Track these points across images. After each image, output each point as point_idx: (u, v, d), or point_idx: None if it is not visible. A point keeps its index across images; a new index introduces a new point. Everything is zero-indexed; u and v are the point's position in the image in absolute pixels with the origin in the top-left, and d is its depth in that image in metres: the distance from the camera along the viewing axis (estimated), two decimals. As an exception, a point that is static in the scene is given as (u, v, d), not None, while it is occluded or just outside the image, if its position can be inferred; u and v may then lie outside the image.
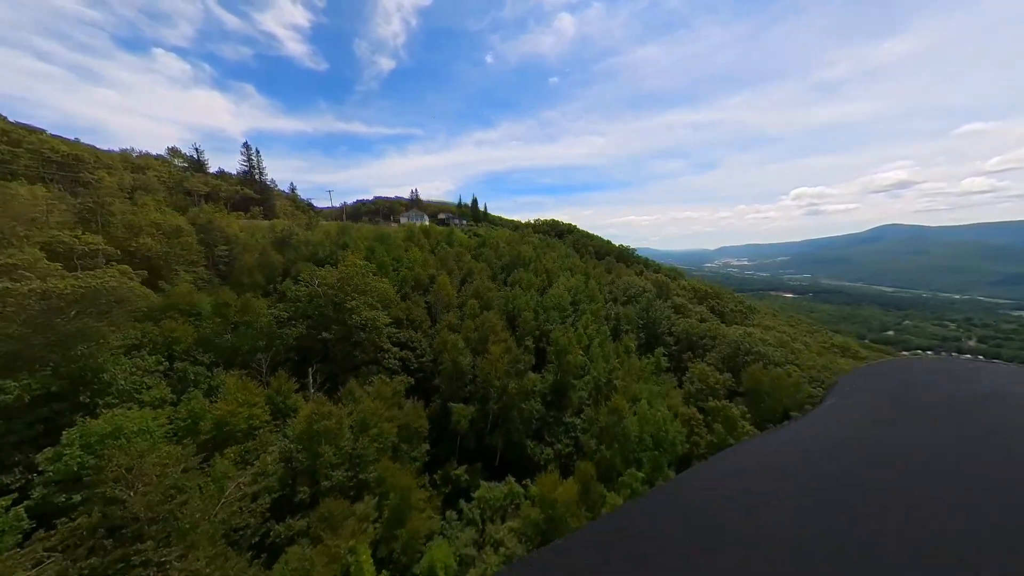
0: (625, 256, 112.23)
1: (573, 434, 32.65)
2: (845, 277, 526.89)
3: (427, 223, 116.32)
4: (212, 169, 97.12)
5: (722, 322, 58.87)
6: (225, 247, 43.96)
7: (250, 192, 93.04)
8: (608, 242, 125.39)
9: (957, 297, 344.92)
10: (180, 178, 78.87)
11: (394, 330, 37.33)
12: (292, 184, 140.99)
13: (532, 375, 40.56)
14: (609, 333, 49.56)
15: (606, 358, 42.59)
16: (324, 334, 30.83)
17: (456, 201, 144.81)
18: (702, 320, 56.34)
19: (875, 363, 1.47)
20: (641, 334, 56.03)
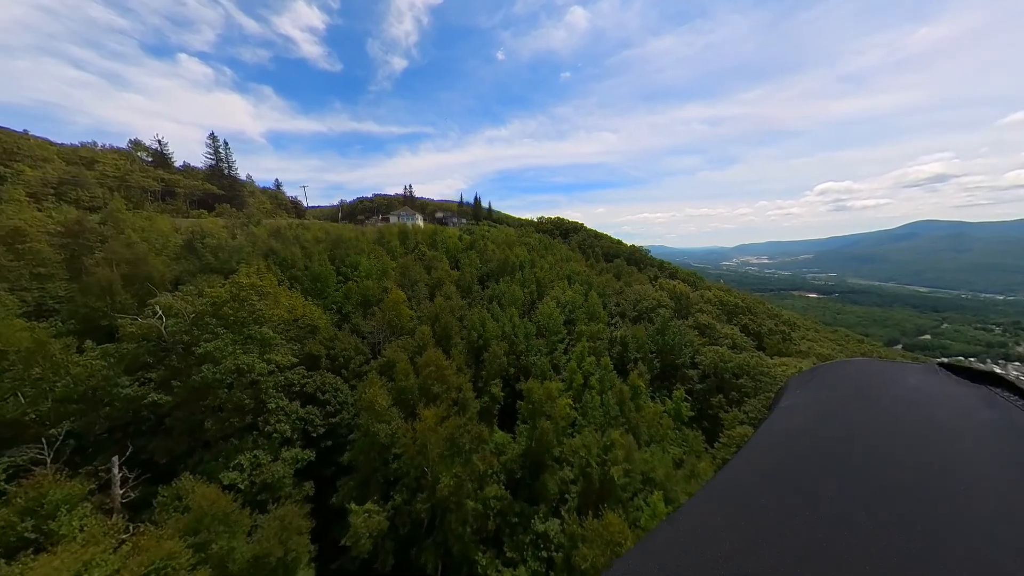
0: (638, 258, 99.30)
1: (545, 552, 21.01)
2: (875, 276, 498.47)
3: (419, 222, 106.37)
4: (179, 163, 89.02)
5: (759, 347, 46.20)
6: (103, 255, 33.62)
7: (213, 187, 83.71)
8: (618, 242, 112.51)
9: (1001, 298, 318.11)
10: (125, 171, 69.82)
11: (299, 375, 26.21)
12: (277, 180, 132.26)
13: (499, 435, 29.09)
14: (612, 366, 37.61)
15: (606, 409, 30.77)
16: (153, 396, 19.86)
17: (465, 200, 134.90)
18: (734, 347, 43.70)
19: (821, 365, 1.40)
20: (656, 362, 43.89)
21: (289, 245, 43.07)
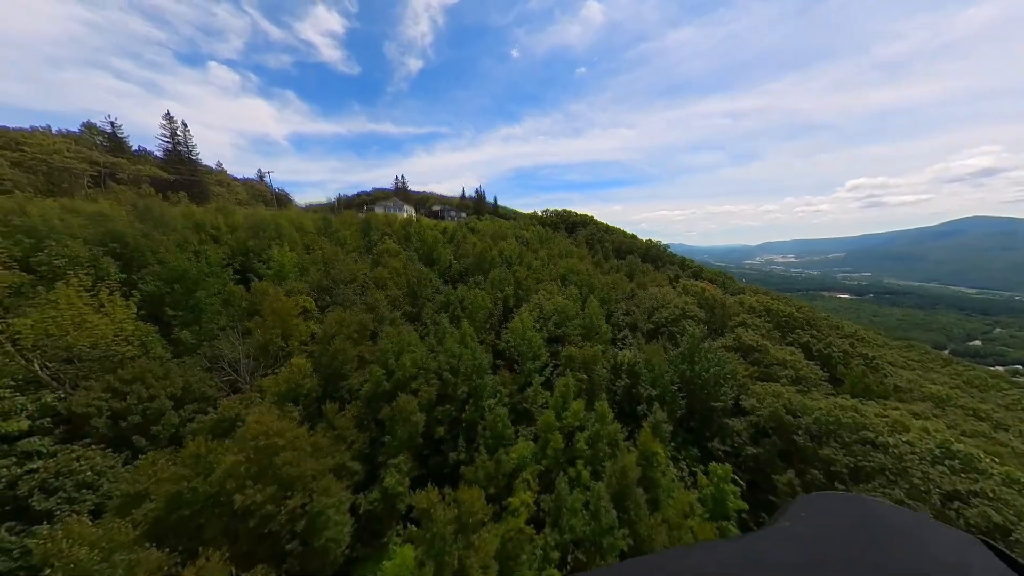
0: (655, 254, 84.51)
1: None
2: (913, 277, 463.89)
3: (408, 213, 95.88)
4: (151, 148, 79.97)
5: (832, 381, 31.63)
6: None
7: (162, 173, 73.28)
8: (632, 236, 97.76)
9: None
10: (48, 153, 60.04)
11: (8, 461, 13.80)
12: (260, 171, 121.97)
13: (400, 556, 16.21)
14: (613, 415, 24.10)
15: (594, 511, 17.45)
16: None
17: (472, 196, 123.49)
18: (797, 381, 29.37)
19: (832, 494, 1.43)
20: (681, 399, 30.16)
21: (166, 231, 30.97)
